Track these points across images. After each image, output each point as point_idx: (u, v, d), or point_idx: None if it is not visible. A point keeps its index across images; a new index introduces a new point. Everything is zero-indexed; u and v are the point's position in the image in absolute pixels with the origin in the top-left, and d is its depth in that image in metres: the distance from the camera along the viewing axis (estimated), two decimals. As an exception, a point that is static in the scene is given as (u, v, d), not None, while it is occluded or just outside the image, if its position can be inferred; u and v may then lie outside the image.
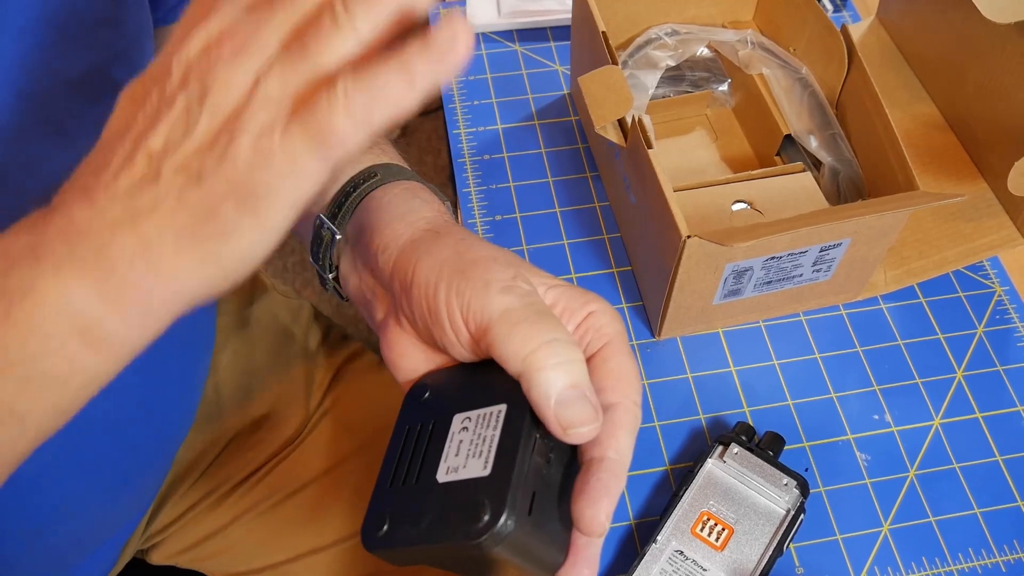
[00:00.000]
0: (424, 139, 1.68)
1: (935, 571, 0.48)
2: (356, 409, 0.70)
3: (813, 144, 0.56)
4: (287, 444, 0.67)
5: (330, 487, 0.67)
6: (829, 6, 0.72)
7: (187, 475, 0.64)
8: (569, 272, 0.58)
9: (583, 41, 0.59)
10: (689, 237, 0.44)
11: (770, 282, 0.51)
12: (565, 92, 0.68)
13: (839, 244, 0.49)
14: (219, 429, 0.65)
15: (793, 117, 0.58)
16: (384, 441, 0.69)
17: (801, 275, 0.51)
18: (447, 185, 1.36)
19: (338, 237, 0.42)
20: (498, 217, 0.61)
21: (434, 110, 1.74)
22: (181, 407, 0.60)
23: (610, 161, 0.59)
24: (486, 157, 0.64)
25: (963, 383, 0.54)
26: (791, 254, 0.49)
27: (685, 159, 0.63)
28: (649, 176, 0.48)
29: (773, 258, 0.49)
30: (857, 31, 0.69)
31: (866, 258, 0.52)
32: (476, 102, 0.67)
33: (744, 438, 0.49)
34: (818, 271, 0.51)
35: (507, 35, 0.72)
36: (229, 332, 0.68)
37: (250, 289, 0.72)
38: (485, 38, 0.71)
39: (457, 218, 0.62)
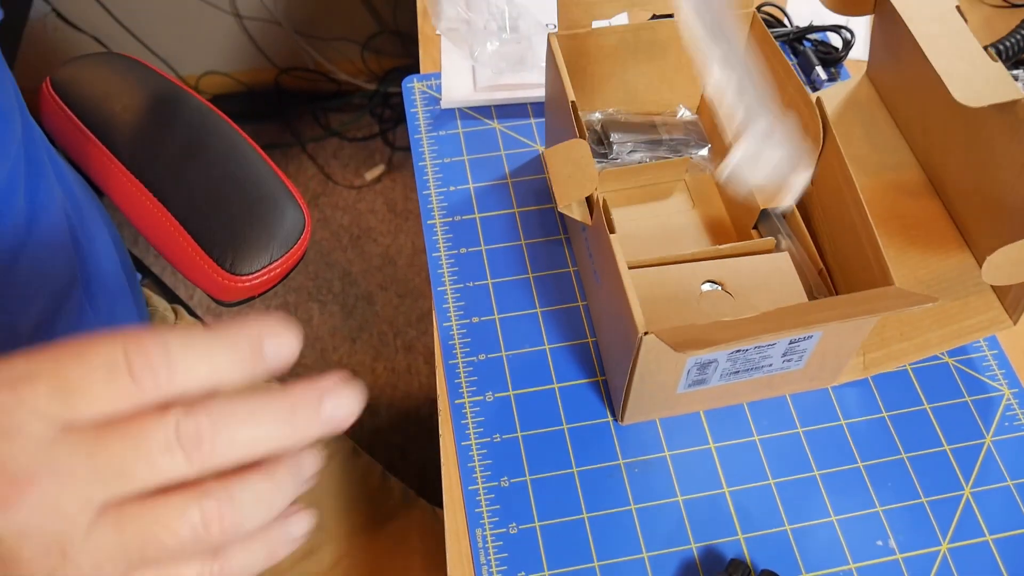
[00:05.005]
0: (410, 175, 1.68)
1: None
2: (330, 504, 0.71)
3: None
4: None
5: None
6: (823, 74, 0.71)
7: None
8: (541, 342, 0.58)
9: (555, 109, 0.59)
10: (646, 334, 0.44)
11: (737, 372, 0.51)
12: (540, 150, 0.68)
13: (809, 337, 0.49)
14: None
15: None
16: (359, 543, 0.71)
17: (771, 365, 0.51)
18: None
19: None
20: (471, 284, 0.61)
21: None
22: None
23: (578, 232, 0.58)
24: (457, 219, 0.64)
25: (971, 501, 0.52)
26: (758, 347, 0.48)
27: (661, 224, 0.63)
28: (610, 261, 0.48)
29: (739, 351, 0.48)
30: (846, 87, 0.68)
31: (839, 349, 0.51)
32: (448, 160, 0.67)
33: None
34: (789, 361, 0.51)
35: (484, 111, 0.71)
36: None
37: None
38: (461, 114, 0.70)
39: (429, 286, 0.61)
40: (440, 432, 0.54)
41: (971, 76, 0.48)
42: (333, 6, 1.56)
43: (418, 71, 0.74)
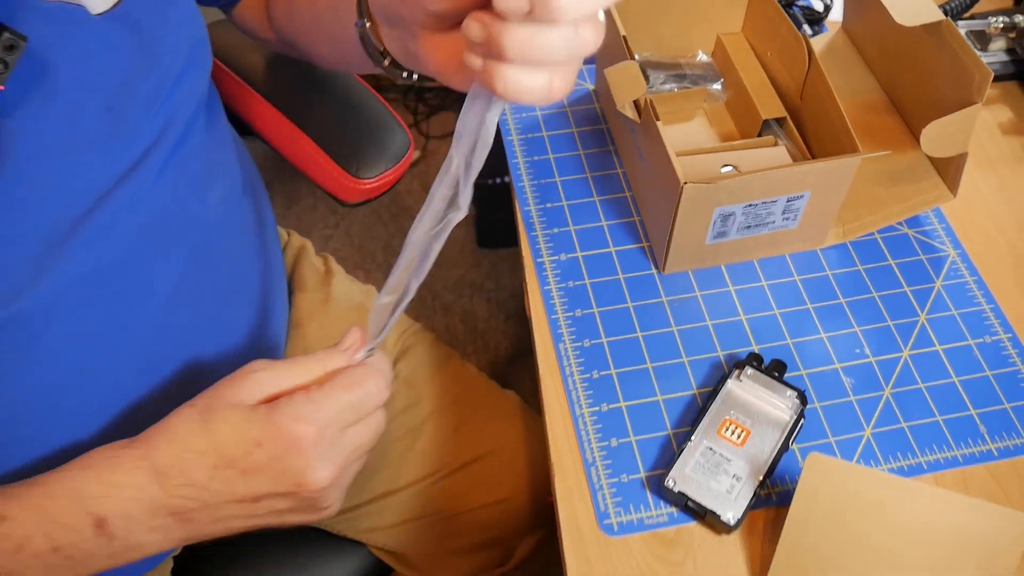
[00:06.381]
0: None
1: (907, 463, 0.64)
2: (422, 373, 0.89)
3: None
4: None
5: (403, 437, 0.86)
6: (809, 31, 0.92)
7: None
8: (599, 220, 0.78)
9: (606, 42, 0.80)
10: (686, 183, 0.64)
11: (749, 227, 0.70)
12: (590, 88, 0.88)
13: (801, 196, 0.69)
14: None
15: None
16: (447, 400, 0.98)
17: (773, 222, 0.71)
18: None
19: (367, 23, 0.57)
20: (542, 181, 0.81)
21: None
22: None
23: (626, 136, 0.79)
24: (529, 136, 0.84)
25: (926, 324, 0.72)
26: (764, 202, 0.68)
27: (685, 137, 0.83)
28: (657, 142, 0.68)
29: (750, 205, 0.68)
30: (826, 38, 0.89)
31: (824, 208, 0.71)
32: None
33: (755, 363, 0.67)
34: (787, 219, 0.71)
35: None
36: (314, 306, 0.87)
37: (324, 273, 0.91)
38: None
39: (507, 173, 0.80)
40: (527, 282, 0.74)
41: (907, 5, 0.69)
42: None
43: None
